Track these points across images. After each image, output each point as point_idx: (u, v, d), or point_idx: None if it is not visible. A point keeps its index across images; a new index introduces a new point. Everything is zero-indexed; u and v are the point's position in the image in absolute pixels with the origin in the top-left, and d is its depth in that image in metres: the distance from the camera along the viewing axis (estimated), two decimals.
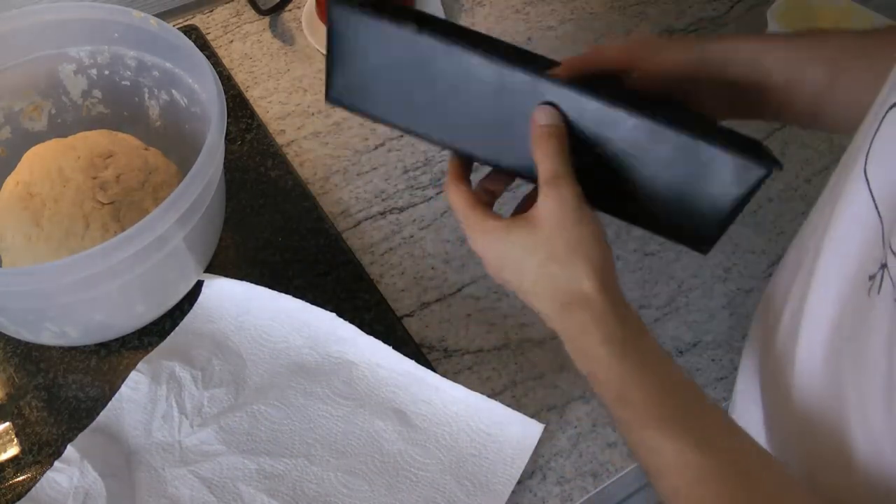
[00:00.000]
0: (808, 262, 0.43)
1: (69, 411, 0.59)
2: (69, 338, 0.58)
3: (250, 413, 0.58)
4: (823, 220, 0.42)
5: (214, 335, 0.61)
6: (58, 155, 0.62)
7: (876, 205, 0.36)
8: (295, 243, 0.68)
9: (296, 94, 0.80)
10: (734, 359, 0.64)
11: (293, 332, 0.61)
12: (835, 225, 0.40)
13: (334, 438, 0.57)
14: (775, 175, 0.44)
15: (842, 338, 0.39)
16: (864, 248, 0.37)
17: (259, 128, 0.76)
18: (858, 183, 0.38)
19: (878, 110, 0.38)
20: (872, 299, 0.35)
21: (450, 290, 0.67)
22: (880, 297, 0.34)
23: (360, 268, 0.67)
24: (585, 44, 0.86)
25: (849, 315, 0.38)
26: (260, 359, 0.60)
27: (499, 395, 0.61)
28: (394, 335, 0.63)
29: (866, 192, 0.37)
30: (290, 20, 0.86)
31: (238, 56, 0.82)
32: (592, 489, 0.58)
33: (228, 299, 0.63)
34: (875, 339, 0.35)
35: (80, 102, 0.68)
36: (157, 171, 0.63)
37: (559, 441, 0.60)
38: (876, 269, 0.35)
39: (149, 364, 0.59)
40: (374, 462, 0.56)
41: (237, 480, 0.55)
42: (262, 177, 0.72)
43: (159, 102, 0.68)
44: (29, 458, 0.57)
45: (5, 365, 0.61)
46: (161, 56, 0.64)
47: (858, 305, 0.37)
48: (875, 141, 0.37)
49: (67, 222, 0.58)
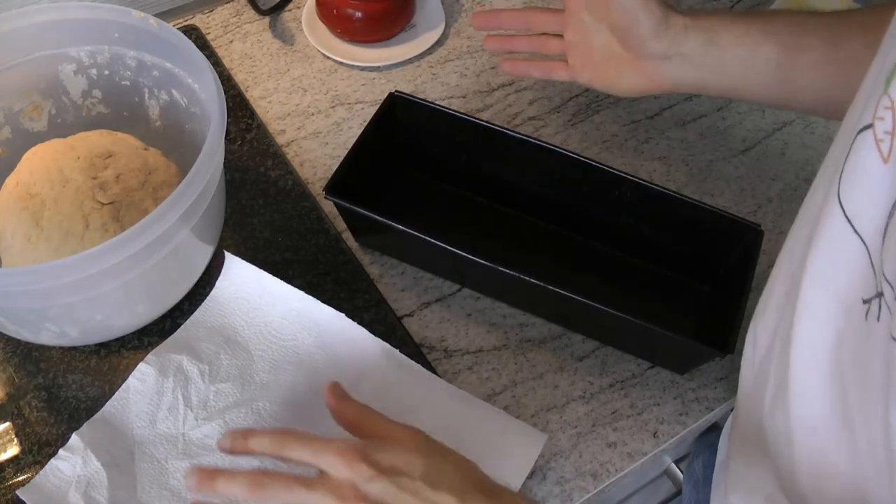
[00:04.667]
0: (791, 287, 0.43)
1: (69, 411, 0.59)
2: (69, 338, 0.58)
3: (255, 409, 0.58)
4: (801, 245, 0.42)
5: (224, 329, 0.61)
6: (58, 155, 0.62)
7: (856, 230, 0.36)
8: (295, 243, 0.68)
9: (296, 94, 0.80)
10: (734, 359, 0.64)
11: (303, 330, 0.61)
12: (815, 250, 0.40)
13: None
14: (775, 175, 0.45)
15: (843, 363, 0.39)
16: (852, 273, 0.37)
17: (259, 128, 0.76)
18: (833, 207, 0.38)
19: (849, 132, 0.38)
20: (871, 325, 0.35)
21: (450, 290, 0.67)
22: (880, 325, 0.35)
23: (360, 268, 0.67)
24: None
25: (848, 339, 0.38)
26: (267, 355, 0.61)
27: (499, 395, 0.61)
28: (394, 335, 0.63)
29: (842, 216, 0.37)
30: (290, 20, 0.86)
31: (238, 56, 0.82)
32: (592, 489, 0.58)
33: (242, 294, 0.63)
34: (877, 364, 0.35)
35: (80, 102, 0.68)
36: (157, 171, 0.63)
37: (559, 441, 0.60)
38: (870, 294, 0.36)
39: (157, 356, 0.59)
40: None
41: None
42: (262, 177, 0.72)
43: (159, 102, 0.68)
44: (29, 458, 0.57)
45: (5, 365, 0.61)
46: (161, 56, 0.64)
47: (858, 330, 0.37)
48: (846, 165, 0.37)
49: (67, 223, 0.58)
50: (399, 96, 0.69)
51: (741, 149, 0.78)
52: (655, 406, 0.62)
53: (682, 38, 0.58)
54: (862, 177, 0.36)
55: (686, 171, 0.76)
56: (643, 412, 0.62)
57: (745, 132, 0.80)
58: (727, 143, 0.78)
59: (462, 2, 0.89)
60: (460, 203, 0.72)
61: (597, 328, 0.64)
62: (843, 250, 0.37)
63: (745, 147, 0.78)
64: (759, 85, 0.59)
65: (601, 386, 0.63)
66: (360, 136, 0.66)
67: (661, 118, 0.80)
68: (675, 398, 0.63)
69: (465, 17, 0.88)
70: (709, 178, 0.76)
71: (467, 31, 0.86)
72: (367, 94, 0.80)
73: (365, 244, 0.69)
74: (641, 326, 0.57)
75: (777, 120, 0.81)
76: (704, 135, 0.79)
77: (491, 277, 0.62)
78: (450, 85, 0.81)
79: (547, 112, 0.80)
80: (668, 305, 0.67)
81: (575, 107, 0.80)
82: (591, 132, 0.78)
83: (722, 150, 0.78)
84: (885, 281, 0.34)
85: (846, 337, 0.38)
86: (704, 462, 0.67)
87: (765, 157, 0.78)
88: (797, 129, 0.80)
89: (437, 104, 0.69)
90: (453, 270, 0.66)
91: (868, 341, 0.36)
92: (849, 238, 0.37)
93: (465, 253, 0.59)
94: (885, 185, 0.34)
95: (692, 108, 0.81)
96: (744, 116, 0.81)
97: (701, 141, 0.79)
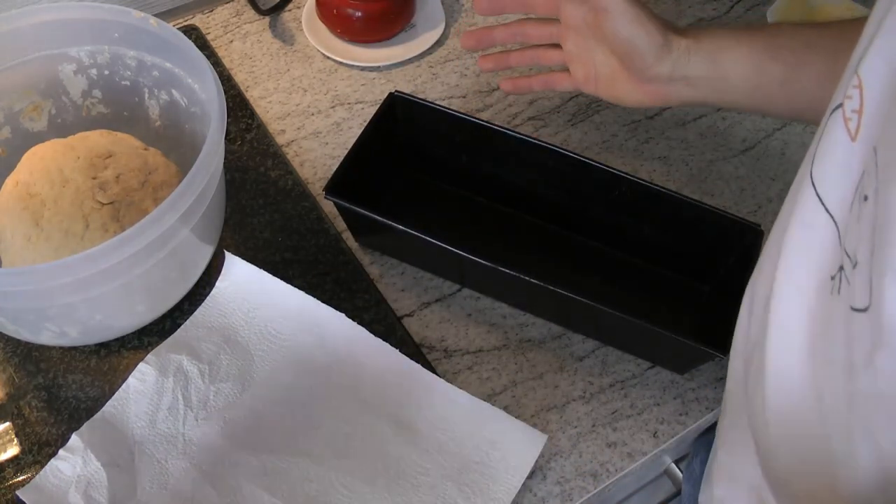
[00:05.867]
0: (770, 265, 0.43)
1: (69, 411, 0.59)
2: (69, 338, 0.58)
3: (255, 409, 0.58)
4: (782, 224, 0.42)
5: (224, 329, 0.61)
6: (57, 155, 0.62)
7: (826, 208, 0.37)
8: (295, 243, 0.68)
9: (296, 94, 0.80)
10: None
11: (303, 330, 0.61)
12: (790, 231, 0.40)
13: (337, 439, 0.57)
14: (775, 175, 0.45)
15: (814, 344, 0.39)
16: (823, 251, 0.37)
17: (259, 128, 0.76)
18: (807, 187, 0.38)
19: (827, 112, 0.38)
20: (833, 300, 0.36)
21: (450, 290, 0.67)
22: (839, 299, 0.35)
23: (360, 268, 0.67)
24: None
25: (819, 317, 0.38)
26: (268, 355, 0.61)
27: (499, 395, 0.61)
28: (394, 335, 0.63)
29: (814, 195, 0.37)
30: (290, 20, 0.86)
31: (238, 56, 0.82)
32: (592, 489, 0.58)
33: (242, 294, 0.63)
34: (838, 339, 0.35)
35: (80, 102, 0.68)
36: (156, 171, 0.63)
37: (559, 441, 0.60)
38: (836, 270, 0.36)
39: (157, 356, 0.59)
40: (375, 464, 0.56)
41: (238, 476, 0.55)
42: (262, 177, 0.72)
43: (159, 102, 0.68)
44: (29, 458, 0.57)
45: (5, 365, 0.61)
46: (161, 56, 0.64)
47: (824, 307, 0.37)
48: (819, 145, 0.37)
49: (67, 223, 0.58)
50: (399, 96, 0.69)
51: (741, 149, 0.78)
52: (655, 406, 0.62)
53: (684, 62, 0.58)
54: (831, 155, 0.36)
55: (686, 171, 0.76)
56: (643, 412, 0.62)
57: (745, 132, 0.80)
58: (727, 143, 0.78)
59: (462, 2, 0.89)
60: (460, 203, 0.72)
61: (597, 328, 0.64)
62: (814, 229, 0.38)
63: (745, 147, 0.78)
64: (765, 102, 0.59)
65: (601, 386, 0.63)
66: (359, 136, 0.66)
67: (661, 118, 0.80)
68: (675, 398, 0.63)
69: (465, 17, 0.88)
70: (709, 178, 0.76)
71: None
72: (367, 94, 0.80)
73: (365, 244, 0.69)
74: (641, 326, 0.58)
75: (777, 120, 0.81)
76: (704, 135, 0.79)
77: (491, 277, 0.62)
78: (450, 85, 0.81)
79: (547, 112, 0.80)
80: (668, 305, 0.67)
81: (575, 107, 0.80)
82: (591, 132, 0.78)
83: (722, 150, 0.78)
84: (845, 254, 0.34)
85: (816, 316, 0.38)
86: (704, 461, 0.67)
87: (765, 157, 0.78)
88: (797, 129, 0.80)
89: (437, 104, 0.69)
90: (453, 270, 0.66)
91: (832, 317, 0.36)
92: (820, 217, 0.37)
93: (465, 253, 0.59)
94: (852, 163, 0.35)
95: (692, 108, 0.81)
96: (744, 116, 0.81)
97: (701, 141, 0.79)
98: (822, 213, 0.37)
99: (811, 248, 0.38)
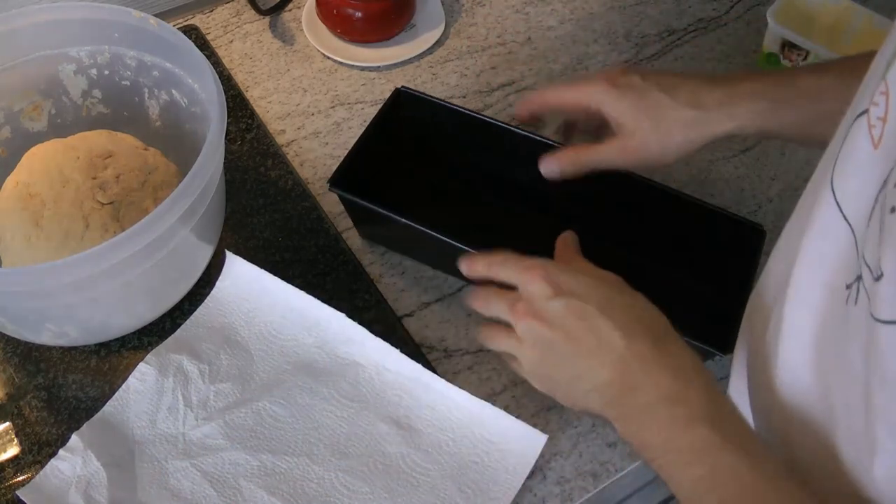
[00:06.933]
0: (785, 271, 0.43)
1: (69, 411, 0.59)
2: (69, 338, 0.58)
3: (255, 409, 0.58)
4: (798, 230, 0.42)
5: (224, 329, 0.61)
6: (57, 155, 0.62)
7: (844, 216, 0.36)
8: (295, 243, 0.68)
9: (296, 94, 0.80)
10: None
11: (303, 330, 0.61)
12: (808, 236, 0.40)
13: (337, 439, 0.57)
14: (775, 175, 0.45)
15: (825, 345, 0.39)
16: (839, 259, 0.37)
17: (259, 128, 0.76)
18: (826, 194, 0.38)
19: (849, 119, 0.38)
20: (850, 309, 0.35)
21: (450, 290, 0.67)
22: (857, 308, 0.34)
23: (360, 268, 0.67)
24: (585, 44, 0.86)
25: (830, 324, 0.38)
26: (268, 355, 0.61)
27: (499, 396, 0.61)
28: (394, 335, 0.63)
29: (833, 202, 0.37)
30: (290, 20, 0.86)
31: (238, 56, 0.82)
32: (592, 489, 0.58)
33: (242, 294, 0.63)
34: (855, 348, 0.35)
35: (80, 102, 0.68)
36: (156, 171, 0.63)
37: (559, 441, 0.60)
38: (852, 279, 0.35)
39: (157, 356, 0.59)
40: (375, 464, 0.56)
41: (238, 476, 0.55)
42: (262, 177, 0.72)
43: (159, 102, 0.68)
44: (29, 458, 0.57)
45: (5, 365, 0.61)
46: (161, 56, 0.64)
47: (838, 314, 0.37)
48: (841, 151, 0.37)
49: (67, 223, 0.58)
50: (405, 92, 0.69)
51: (741, 149, 0.78)
52: None
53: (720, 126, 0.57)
54: (853, 162, 0.36)
55: (686, 171, 0.76)
56: None
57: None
58: (727, 143, 0.78)
59: (462, 2, 0.89)
60: (464, 199, 0.72)
61: None
62: (832, 236, 0.37)
63: (745, 147, 0.78)
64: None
65: None
66: (364, 130, 0.67)
67: None
68: None
69: (465, 17, 0.88)
70: (709, 178, 0.76)
71: (467, 31, 0.86)
72: (367, 94, 0.80)
73: (368, 237, 0.69)
74: None
75: None
76: None
77: None
78: (450, 85, 0.81)
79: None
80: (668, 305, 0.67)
81: None
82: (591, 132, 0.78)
83: (722, 150, 0.78)
84: (864, 264, 0.34)
85: (828, 323, 0.38)
86: None
87: (765, 157, 0.78)
88: None
89: (443, 100, 0.69)
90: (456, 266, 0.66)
91: (846, 326, 0.36)
92: (838, 224, 0.37)
93: (468, 248, 0.59)
94: (873, 171, 0.34)
95: None
96: None
97: None
98: (840, 220, 0.37)
99: (827, 255, 0.38)
